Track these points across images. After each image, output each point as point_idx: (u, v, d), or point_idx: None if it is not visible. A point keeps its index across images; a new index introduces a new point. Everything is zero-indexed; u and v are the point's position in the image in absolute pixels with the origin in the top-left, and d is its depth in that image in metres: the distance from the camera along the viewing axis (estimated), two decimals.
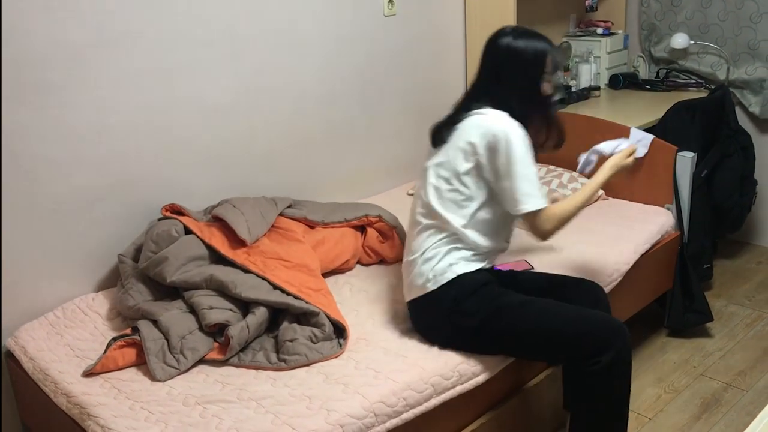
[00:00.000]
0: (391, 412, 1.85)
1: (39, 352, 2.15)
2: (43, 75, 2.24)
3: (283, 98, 2.89)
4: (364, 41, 3.11)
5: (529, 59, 2.07)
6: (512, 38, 2.08)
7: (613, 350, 1.97)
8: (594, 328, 2.01)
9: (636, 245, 2.70)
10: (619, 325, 2.02)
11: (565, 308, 2.06)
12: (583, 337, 2.00)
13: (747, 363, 2.88)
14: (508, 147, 1.99)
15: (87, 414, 1.86)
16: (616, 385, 2.03)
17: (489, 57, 2.13)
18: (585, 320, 2.02)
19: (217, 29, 2.62)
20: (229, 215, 2.41)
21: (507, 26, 2.14)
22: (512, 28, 2.13)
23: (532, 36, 2.09)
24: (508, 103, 2.06)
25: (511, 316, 2.04)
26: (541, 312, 2.05)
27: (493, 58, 2.11)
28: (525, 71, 2.08)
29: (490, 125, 2.02)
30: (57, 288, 2.40)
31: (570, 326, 2.01)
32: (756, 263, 3.73)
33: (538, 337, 2.03)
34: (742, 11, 3.57)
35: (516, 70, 2.08)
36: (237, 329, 2.06)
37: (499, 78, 2.09)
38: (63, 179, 2.34)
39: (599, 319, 2.04)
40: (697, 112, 3.20)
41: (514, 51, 2.07)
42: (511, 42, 2.07)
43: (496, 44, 2.11)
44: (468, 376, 2.02)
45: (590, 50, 3.86)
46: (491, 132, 2.01)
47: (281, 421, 1.77)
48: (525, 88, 2.09)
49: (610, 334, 1.99)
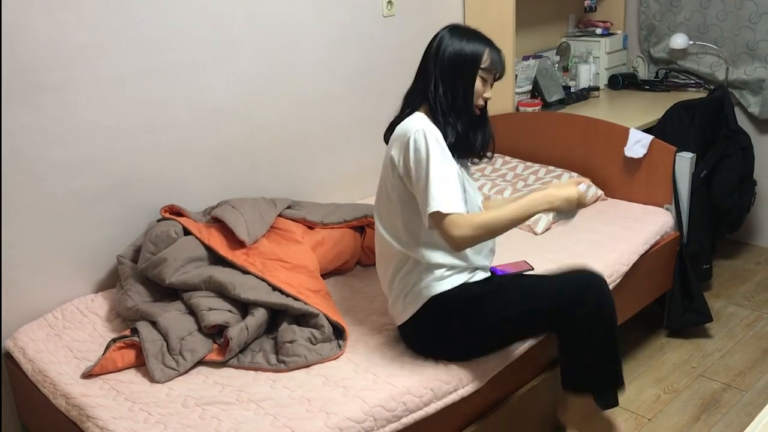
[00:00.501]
0: (391, 417, 1.84)
1: (38, 353, 2.15)
2: (42, 75, 2.23)
3: (282, 99, 2.88)
4: (364, 42, 3.11)
5: (464, 58, 2.00)
6: (449, 36, 2.03)
7: (587, 304, 1.95)
8: (565, 285, 2.00)
9: (635, 245, 2.70)
10: (592, 278, 2.01)
11: (538, 278, 2.06)
12: (556, 297, 1.99)
13: (746, 363, 2.88)
14: (417, 147, 1.92)
15: (86, 415, 1.86)
16: (597, 337, 1.99)
17: (426, 55, 2.07)
18: (554, 281, 2.02)
19: (215, 30, 2.62)
20: (228, 216, 2.41)
21: (449, 24, 2.08)
22: (452, 26, 2.07)
23: (471, 35, 2.03)
24: (437, 102, 2.00)
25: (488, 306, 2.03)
26: (514, 289, 2.05)
27: (428, 55, 2.05)
28: (459, 70, 2.00)
29: (404, 130, 1.98)
30: (56, 289, 2.39)
31: (544, 291, 2.01)
32: (755, 263, 3.73)
33: (515, 311, 2.02)
34: (741, 11, 3.57)
35: (450, 68, 2.00)
36: (236, 330, 2.06)
37: (432, 76, 2.02)
38: (62, 180, 2.33)
39: (570, 276, 2.03)
40: (696, 113, 3.20)
41: (451, 50, 2.00)
42: (447, 40, 2.02)
43: (433, 42, 2.05)
44: (468, 380, 2.02)
45: (589, 50, 3.86)
46: (405, 135, 1.96)
47: (281, 424, 1.76)
48: (456, 88, 2.01)
49: (581, 288, 1.98)
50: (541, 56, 3.64)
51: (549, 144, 3.25)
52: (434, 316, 2.02)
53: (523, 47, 3.66)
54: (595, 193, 1.98)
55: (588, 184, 2.03)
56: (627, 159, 3.03)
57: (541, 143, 3.28)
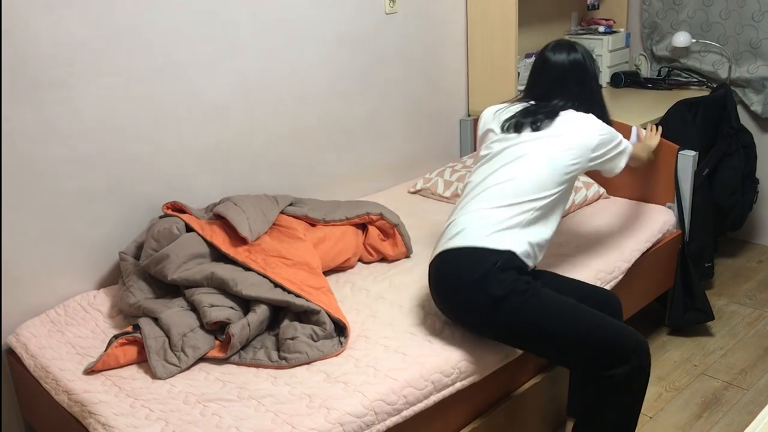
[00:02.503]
0: (391, 410, 1.85)
1: (40, 349, 2.15)
2: (43, 72, 2.24)
3: (285, 96, 2.89)
4: (366, 39, 3.11)
5: (595, 72, 2.34)
6: (584, 52, 2.31)
7: (629, 365, 1.95)
8: (615, 338, 1.98)
9: (637, 243, 2.70)
10: (642, 342, 2.00)
11: (590, 314, 2.02)
12: (603, 346, 1.97)
13: (748, 362, 2.88)
14: (607, 139, 2.21)
15: (88, 411, 1.87)
16: (626, 400, 2.01)
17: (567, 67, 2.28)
18: (607, 329, 1.99)
19: (217, 26, 2.62)
20: (230, 213, 2.42)
21: (568, 41, 2.32)
22: (572, 42, 2.32)
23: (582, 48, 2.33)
24: (588, 103, 2.27)
25: (536, 307, 1.99)
26: (565, 310, 2.01)
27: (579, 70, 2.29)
28: (594, 75, 2.33)
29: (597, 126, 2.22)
30: (58, 285, 2.40)
31: (593, 333, 1.98)
32: (757, 262, 3.73)
33: (557, 336, 1.99)
34: (744, 10, 3.57)
35: (595, 79, 2.34)
36: (238, 327, 2.06)
37: (582, 83, 2.28)
38: (64, 177, 2.34)
39: (622, 331, 2.00)
40: (698, 111, 3.19)
41: (592, 68, 2.33)
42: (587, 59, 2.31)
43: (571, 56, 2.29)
44: (468, 372, 2.02)
45: (592, 48, 3.84)
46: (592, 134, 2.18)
47: (281, 420, 1.77)
48: (599, 93, 2.36)
49: (630, 348, 1.97)
50: None
51: None
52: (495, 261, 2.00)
53: (526, 45, 3.66)
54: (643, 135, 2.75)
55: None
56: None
57: None
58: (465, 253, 2.05)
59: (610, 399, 2.01)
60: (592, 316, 2.01)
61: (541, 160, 2.11)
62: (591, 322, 2.00)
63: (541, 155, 2.12)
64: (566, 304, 2.03)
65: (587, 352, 1.99)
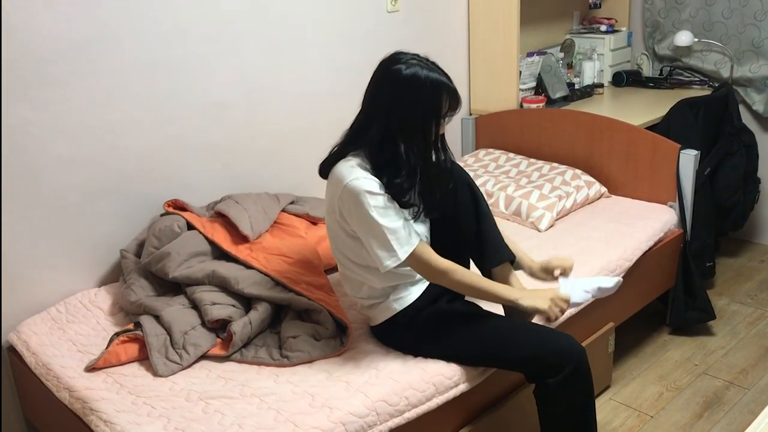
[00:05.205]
0: (393, 411, 1.85)
1: (41, 346, 2.15)
2: (45, 70, 2.23)
3: (286, 94, 2.88)
4: (367, 37, 3.11)
5: (425, 94, 1.78)
6: (405, 67, 1.82)
7: (563, 374, 1.92)
8: (541, 351, 1.94)
9: (639, 243, 2.70)
10: (575, 347, 1.96)
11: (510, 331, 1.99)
12: (531, 361, 1.95)
13: (749, 361, 2.88)
14: (353, 209, 1.84)
15: (89, 409, 1.86)
16: (572, 407, 1.99)
17: (379, 86, 1.86)
18: (529, 344, 1.96)
19: (219, 25, 2.62)
20: (231, 211, 2.41)
21: (394, 54, 1.91)
22: (399, 58, 1.89)
23: (426, 75, 1.82)
24: (391, 146, 1.83)
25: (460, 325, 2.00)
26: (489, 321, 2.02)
27: (384, 87, 1.85)
28: (421, 108, 1.78)
29: (337, 184, 1.86)
30: (59, 283, 2.40)
31: (515, 351, 1.96)
32: (759, 261, 3.72)
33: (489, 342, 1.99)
34: (747, 9, 3.56)
35: (410, 104, 1.78)
36: (240, 325, 2.06)
37: (389, 112, 1.83)
38: (65, 174, 2.34)
39: (548, 342, 1.96)
40: (700, 110, 3.19)
41: (406, 101, 1.77)
42: (397, 84, 1.79)
43: (388, 72, 1.83)
44: (470, 375, 2.02)
45: (594, 47, 3.85)
46: (338, 195, 1.87)
47: (284, 418, 1.77)
48: (416, 129, 1.80)
49: (563, 357, 1.93)
50: (546, 53, 3.63)
51: (553, 141, 3.25)
52: (405, 322, 2.01)
53: (528, 43, 3.66)
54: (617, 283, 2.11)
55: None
56: (631, 156, 3.03)
57: (544, 140, 3.28)
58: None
59: (555, 408, 1.99)
60: (512, 333, 1.98)
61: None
62: (511, 341, 1.96)
63: None
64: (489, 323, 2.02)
65: (519, 370, 2.00)
